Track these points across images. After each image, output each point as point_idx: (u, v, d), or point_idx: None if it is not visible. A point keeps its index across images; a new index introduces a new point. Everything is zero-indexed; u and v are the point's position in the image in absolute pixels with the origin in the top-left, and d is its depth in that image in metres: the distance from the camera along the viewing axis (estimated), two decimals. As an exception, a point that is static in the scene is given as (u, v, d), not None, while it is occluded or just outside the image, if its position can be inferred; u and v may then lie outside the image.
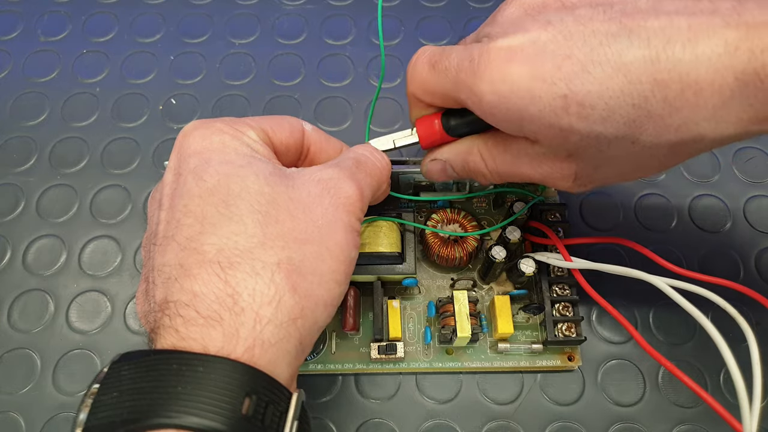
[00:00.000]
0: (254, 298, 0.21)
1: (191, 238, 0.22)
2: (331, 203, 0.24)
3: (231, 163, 0.24)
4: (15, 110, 0.44)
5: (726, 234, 0.39)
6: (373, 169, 0.28)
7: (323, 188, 0.25)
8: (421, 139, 0.30)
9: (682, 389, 0.34)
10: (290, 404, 0.21)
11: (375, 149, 0.30)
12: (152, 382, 0.19)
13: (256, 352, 0.21)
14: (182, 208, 0.23)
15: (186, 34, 0.47)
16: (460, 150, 0.29)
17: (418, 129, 0.30)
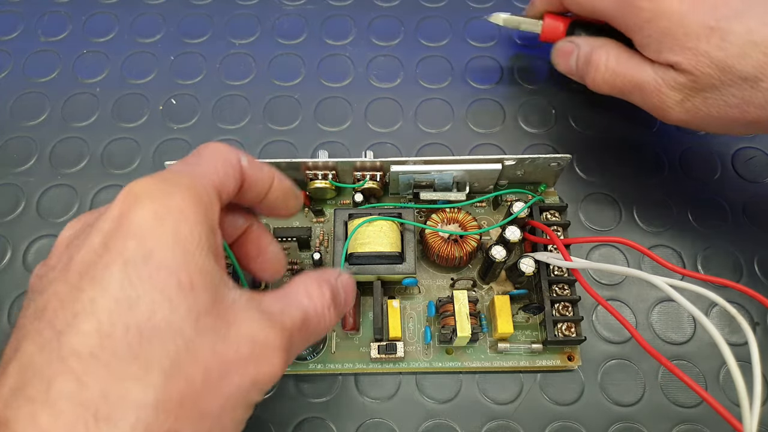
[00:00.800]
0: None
1: (80, 355, 0.17)
2: (249, 375, 0.20)
3: (171, 273, 0.19)
4: (15, 110, 0.44)
5: (726, 234, 0.39)
6: (313, 334, 0.24)
7: (251, 353, 0.20)
8: (544, 32, 0.38)
9: (682, 389, 0.34)
10: None
11: (339, 296, 0.25)
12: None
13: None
14: (88, 302, 0.18)
15: (186, 35, 0.47)
16: (594, 42, 0.35)
17: (545, 24, 0.38)
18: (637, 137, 0.42)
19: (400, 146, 0.42)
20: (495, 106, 0.44)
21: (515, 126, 0.43)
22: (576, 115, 0.43)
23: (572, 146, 0.42)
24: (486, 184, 0.37)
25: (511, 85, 0.44)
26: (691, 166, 0.41)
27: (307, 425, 0.34)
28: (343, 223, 0.34)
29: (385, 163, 0.35)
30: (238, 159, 0.24)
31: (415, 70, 0.45)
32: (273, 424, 0.34)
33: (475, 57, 0.46)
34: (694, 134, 0.42)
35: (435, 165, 0.35)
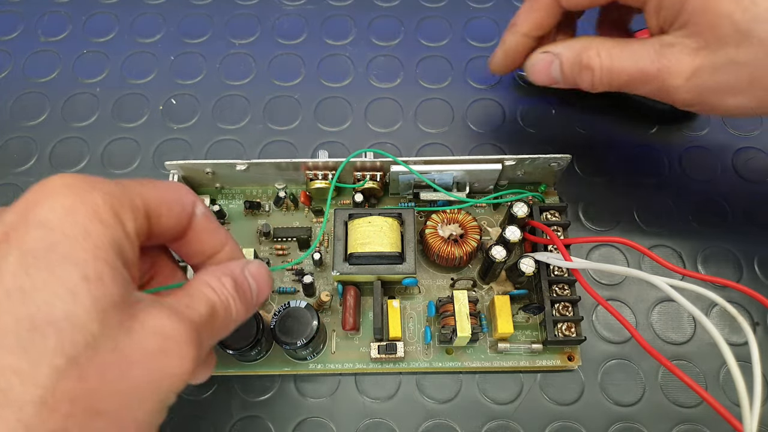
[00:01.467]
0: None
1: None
2: (157, 370, 0.19)
3: (76, 266, 0.18)
4: (15, 110, 0.44)
5: (726, 234, 0.39)
6: (222, 326, 0.23)
7: (159, 349, 0.19)
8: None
9: (681, 389, 0.34)
10: None
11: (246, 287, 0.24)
12: None
13: None
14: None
15: (186, 35, 0.47)
16: (576, 45, 0.32)
17: None
18: (637, 137, 0.42)
19: (400, 146, 0.42)
20: (495, 106, 0.44)
21: (515, 126, 0.43)
22: (576, 115, 0.43)
23: (572, 146, 0.42)
24: (486, 184, 0.37)
25: (511, 85, 0.44)
26: (691, 166, 0.41)
27: (307, 425, 0.34)
28: (343, 223, 0.34)
29: (385, 163, 0.35)
30: (192, 203, 0.24)
31: (415, 70, 0.45)
32: (273, 424, 0.34)
33: (475, 57, 0.46)
34: (695, 135, 0.42)
35: (435, 165, 0.35)
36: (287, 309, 0.32)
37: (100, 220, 0.19)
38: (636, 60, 0.31)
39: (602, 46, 0.32)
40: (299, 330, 0.31)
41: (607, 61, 0.31)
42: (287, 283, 0.36)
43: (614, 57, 0.31)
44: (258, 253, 0.36)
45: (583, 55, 0.32)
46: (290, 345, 0.31)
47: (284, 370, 0.34)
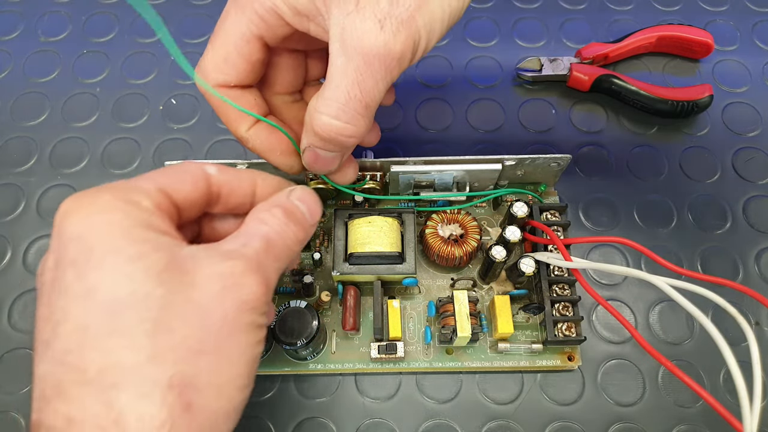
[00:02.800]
0: (143, 423, 0.19)
1: (69, 351, 0.20)
2: (233, 304, 0.21)
3: (117, 253, 0.20)
4: (15, 110, 0.44)
5: (726, 234, 0.39)
6: (283, 250, 0.24)
7: (224, 286, 0.21)
8: None
9: (681, 389, 0.34)
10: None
11: (296, 210, 0.26)
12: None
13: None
14: (60, 311, 0.20)
15: (186, 34, 0.47)
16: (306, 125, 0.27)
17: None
18: (637, 137, 0.42)
19: (400, 146, 0.42)
20: (495, 106, 0.44)
21: (515, 126, 0.43)
22: (576, 115, 0.43)
23: (572, 146, 0.42)
24: (486, 184, 0.37)
25: (511, 85, 0.44)
26: (691, 167, 0.41)
27: (307, 425, 0.34)
28: (343, 223, 0.34)
29: (385, 163, 0.35)
30: (199, 167, 0.25)
31: (415, 70, 0.45)
32: (273, 424, 0.34)
33: (475, 57, 0.46)
34: (695, 135, 0.42)
35: (435, 165, 0.35)
36: (287, 309, 0.32)
37: (116, 209, 0.21)
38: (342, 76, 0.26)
39: (319, 104, 0.26)
40: (299, 330, 0.31)
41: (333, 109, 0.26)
42: (287, 284, 0.36)
43: (331, 100, 0.26)
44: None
45: (317, 129, 0.27)
46: (290, 345, 0.31)
47: (284, 370, 0.34)
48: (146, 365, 0.19)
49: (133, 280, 0.20)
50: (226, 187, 0.26)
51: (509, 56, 0.45)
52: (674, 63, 0.45)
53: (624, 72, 0.44)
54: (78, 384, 0.19)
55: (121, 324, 0.20)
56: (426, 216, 0.36)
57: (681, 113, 0.41)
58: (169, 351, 0.20)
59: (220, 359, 0.21)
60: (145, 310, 0.20)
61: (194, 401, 0.20)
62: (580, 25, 0.47)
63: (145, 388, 0.19)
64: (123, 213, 0.21)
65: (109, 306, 0.20)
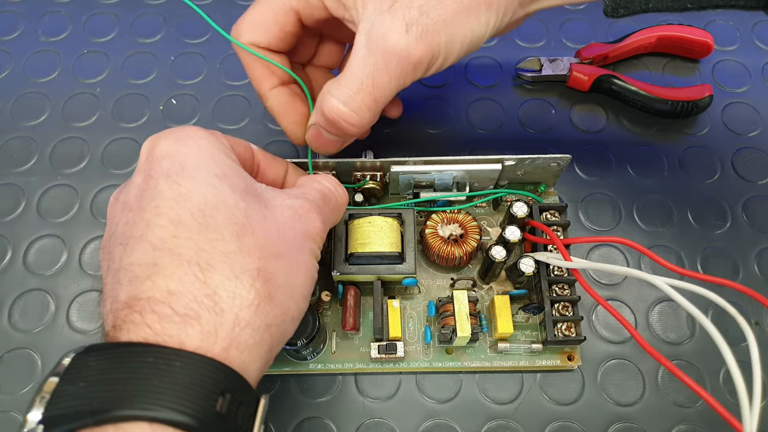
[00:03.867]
0: (234, 300, 0.21)
1: (164, 239, 0.22)
2: (301, 229, 0.25)
3: (206, 170, 0.23)
4: (16, 110, 0.44)
5: (726, 234, 0.39)
6: (335, 204, 0.29)
7: (294, 214, 0.25)
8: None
9: (681, 389, 0.34)
10: (258, 407, 0.22)
11: (338, 183, 0.30)
12: (126, 373, 0.19)
13: (232, 353, 0.21)
14: (153, 209, 0.22)
15: (186, 35, 0.47)
16: (317, 105, 0.30)
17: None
18: (637, 137, 0.42)
19: (400, 146, 0.42)
20: (495, 106, 0.44)
21: (515, 126, 0.43)
22: (576, 115, 0.43)
23: (572, 146, 0.42)
24: (486, 184, 0.37)
25: (511, 85, 0.44)
26: (691, 166, 0.41)
27: (307, 425, 0.34)
28: (343, 223, 0.34)
29: (385, 163, 0.35)
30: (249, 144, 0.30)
31: (415, 70, 0.45)
32: (273, 424, 0.34)
33: (475, 57, 0.46)
34: (695, 135, 0.42)
35: (435, 165, 0.35)
36: (287, 309, 0.32)
37: (203, 137, 0.25)
38: (361, 66, 0.28)
39: (332, 88, 0.29)
40: (299, 330, 0.31)
41: (344, 94, 0.28)
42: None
43: (345, 85, 0.28)
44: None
45: (325, 110, 0.29)
46: (291, 345, 0.31)
47: (284, 370, 0.34)
48: (236, 254, 0.22)
49: (220, 192, 0.23)
50: (263, 162, 0.30)
51: (509, 56, 0.45)
52: (674, 63, 0.45)
53: (624, 72, 0.44)
54: (174, 264, 0.21)
55: (212, 222, 0.22)
56: (426, 216, 0.36)
57: (681, 113, 0.41)
58: (254, 248, 0.22)
59: (293, 266, 0.24)
60: (232, 215, 0.23)
61: (275, 294, 0.22)
62: (580, 25, 0.47)
63: (237, 272, 0.22)
64: (208, 141, 0.25)
65: (200, 207, 0.22)
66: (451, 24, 0.27)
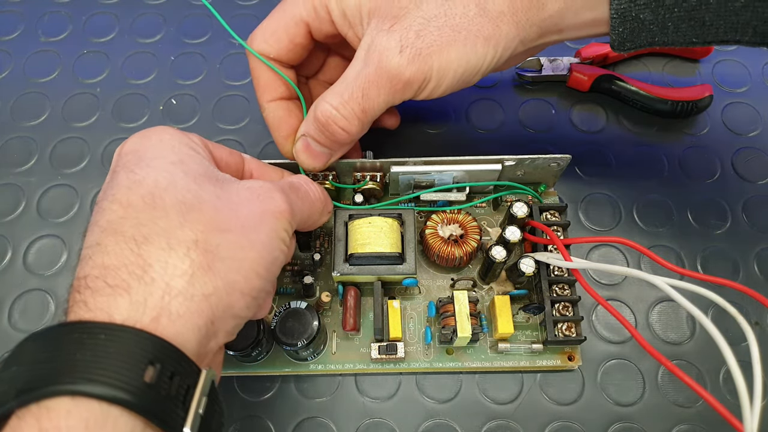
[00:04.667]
0: (166, 270, 0.21)
1: (112, 221, 0.22)
2: (259, 207, 0.25)
3: (163, 158, 0.25)
4: (15, 110, 0.44)
5: (726, 234, 0.39)
6: (305, 195, 0.29)
7: (252, 193, 0.25)
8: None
9: (681, 389, 0.34)
10: (199, 379, 0.21)
11: (311, 181, 0.31)
12: (51, 352, 0.19)
13: (163, 322, 0.21)
14: (110, 197, 0.23)
15: (186, 35, 0.47)
16: (309, 113, 0.31)
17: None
18: (637, 137, 0.42)
19: (400, 146, 0.42)
20: (495, 106, 0.44)
21: (515, 126, 0.43)
22: (576, 115, 0.43)
23: (572, 146, 0.42)
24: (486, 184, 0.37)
25: (511, 85, 0.44)
26: (691, 166, 0.41)
27: (307, 425, 0.34)
28: (343, 223, 0.34)
29: (385, 163, 0.35)
30: (238, 153, 0.30)
31: (415, 70, 0.45)
32: (273, 424, 0.34)
33: (475, 57, 0.45)
34: (695, 135, 0.42)
35: (435, 165, 0.35)
36: (288, 310, 0.32)
37: (168, 133, 0.26)
38: (354, 78, 0.29)
39: (326, 95, 0.30)
40: (300, 331, 0.31)
41: (336, 100, 0.30)
42: (287, 284, 0.36)
43: (338, 93, 0.30)
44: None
45: (318, 113, 0.30)
46: (291, 346, 0.31)
47: (285, 370, 0.34)
48: (176, 228, 0.22)
49: (173, 175, 0.24)
50: (257, 171, 0.31)
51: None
52: (674, 63, 0.45)
53: (624, 72, 0.44)
54: (114, 242, 0.22)
55: (159, 203, 0.23)
56: (426, 216, 0.36)
57: (681, 113, 0.41)
58: (197, 222, 0.23)
59: (242, 240, 0.24)
60: (181, 196, 0.23)
61: (214, 264, 0.22)
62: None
63: (172, 243, 0.22)
64: (171, 135, 0.26)
65: (151, 191, 0.23)
66: (445, 51, 0.28)
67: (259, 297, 0.24)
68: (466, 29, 0.28)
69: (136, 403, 0.19)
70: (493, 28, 0.29)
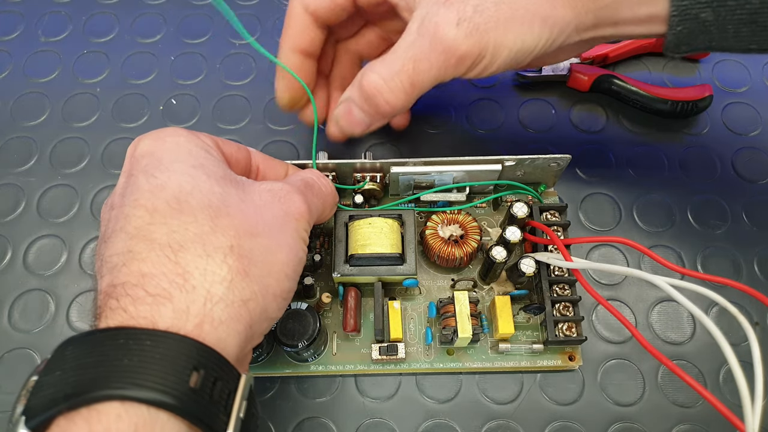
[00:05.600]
0: (206, 276, 0.21)
1: (140, 227, 0.22)
2: (281, 209, 0.25)
3: (183, 162, 0.24)
4: (16, 110, 0.44)
5: (726, 233, 0.39)
6: (319, 191, 0.30)
7: (274, 196, 0.26)
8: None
9: (681, 389, 0.34)
10: (239, 384, 0.21)
11: (322, 175, 0.31)
12: (97, 357, 0.20)
13: (206, 328, 0.21)
14: (132, 203, 0.23)
15: (186, 35, 0.47)
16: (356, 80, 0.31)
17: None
18: (637, 137, 0.42)
19: (401, 147, 0.42)
20: (495, 106, 0.44)
21: (515, 126, 0.43)
22: (576, 115, 0.43)
23: (572, 146, 0.42)
24: (486, 184, 0.37)
25: (511, 85, 0.44)
26: (691, 166, 0.41)
27: (307, 425, 0.34)
28: (343, 224, 0.34)
29: (385, 164, 0.35)
30: (245, 147, 0.30)
31: (416, 70, 0.45)
32: (273, 424, 0.34)
33: (475, 57, 0.45)
34: (695, 135, 0.42)
35: (435, 165, 0.35)
36: (288, 311, 0.32)
37: (182, 135, 0.26)
38: (406, 49, 0.29)
39: (374, 64, 0.30)
40: (300, 332, 0.31)
41: (385, 71, 0.29)
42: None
43: (387, 63, 0.29)
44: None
45: (364, 83, 0.30)
46: (291, 347, 0.31)
47: (285, 371, 0.34)
48: (209, 234, 0.22)
49: (196, 179, 0.24)
50: (263, 165, 0.31)
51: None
52: (674, 63, 0.45)
53: (624, 72, 0.44)
54: (148, 248, 0.22)
55: (186, 207, 0.23)
56: (426, 217, 0.36)
57: (681, 113, 0.41)
58: (228, 228, 0.23)
59: (272, 244, 0.24)
60: (206, 200, 0.23)
61: (250, 269, 0.23)
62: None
63: (209, 250, 0.22)
64: (186, 138, 0.26)
65: (175, 195, 0.23)
66: (502, 27, 0.28)
67: (288, 298, 0.25)
68: (524, 7, 0.28)
69: (183, 408, 0.19)
70: (551, 9, 0.28)
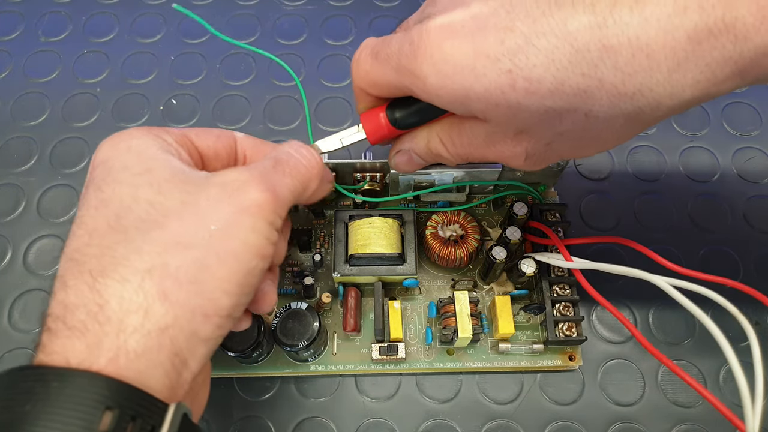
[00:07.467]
0: (121, 305, 0.20)
1: (77, 249, 0.21)
2: (231, 207, 0.22)
3: (129, 169, 0.23)
4: (16, 110, 0.44)
5: (726, 233, 0.39)
6: (294, 168, 0.26)
7: (223, 192, 0.23)
8: (369, 134, 0.28)
9: (681, 389, 0.34)
10: (165, 417, 0.20)
11: (302, 146, 0.27)
12: (3, 402, 0.18)
13: (121, 362, 0.19)
14: (77, 221, 0.22)
15: (186, 35, 0.47)
16: (421, 137, 0.28)
17: (363, 124, 0.28)
18: (636, 137, 0.42)
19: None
20: (495, 106, 0.44)
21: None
22: (576, 115, 0.43)
23: (572, 146, 0.42)
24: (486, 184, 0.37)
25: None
26: (691, 166, 0.41)
27: (307, 425, 0.34)
28: (343, 224, 0.34)
29: (385, 164, 0.35)
30: (229, 133, 0.28)
31: (416, 70, 0.45)
32: (273, 424, 0.34)
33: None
34: (694, 134, 0.42)
35: (435, 166, 0.35)
36: (288, 311, 0.32)
37: (138, 138, 0.24)
38: (474, 147, 0.27)
39: (442, 133, 0.27)
40: (300, 332, 0.31)
41: (452, 148, 0.27)
42: (288, 285, 0.36)
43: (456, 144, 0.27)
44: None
45: (430, 146, 0.28)
46: (291, 347, 0.31)
47: (285, 371, 0.34)
48: (132, 254, 0.21)
49: (137, 190, 0.22)
50: (250, 150, 0.28)
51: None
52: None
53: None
54: (75, 276, 0.21)
55: (121, 224, 0.21)
56: (426, 217, 0.36)
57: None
58: (156, 243, 0.21)
59: (208, 257, 0.21)
60: (144, 212, 0.22)
61: (171, 292, 0.21)
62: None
63: (126, 274, 0.20)
64: (141, 140, 0.24)
65: (116, 211, 0.22)
66: None
67: (231, 315, 0.22)
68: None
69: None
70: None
